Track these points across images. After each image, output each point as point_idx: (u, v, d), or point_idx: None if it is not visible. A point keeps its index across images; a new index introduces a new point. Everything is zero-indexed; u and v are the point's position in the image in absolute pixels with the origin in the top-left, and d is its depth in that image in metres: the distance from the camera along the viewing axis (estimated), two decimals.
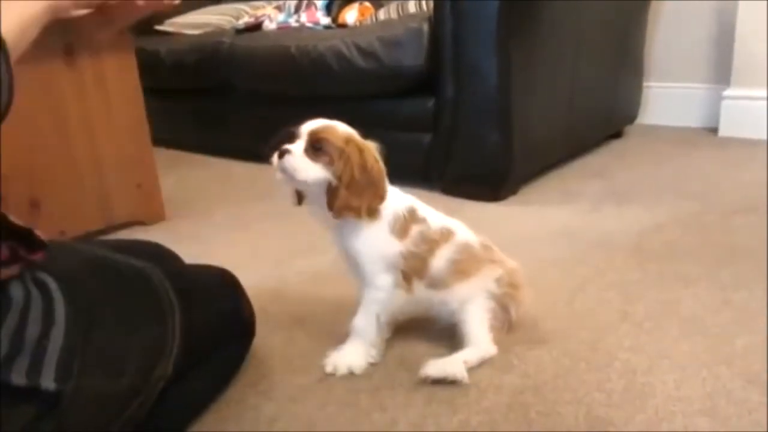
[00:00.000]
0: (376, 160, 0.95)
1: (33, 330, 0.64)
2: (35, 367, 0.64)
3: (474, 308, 0.99)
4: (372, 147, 0.96)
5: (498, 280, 1.00)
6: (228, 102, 2.42)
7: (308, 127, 0.94)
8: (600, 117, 2.30)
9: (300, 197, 1.00)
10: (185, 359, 0.80)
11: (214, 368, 0.91)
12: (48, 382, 0.64)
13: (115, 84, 1.67)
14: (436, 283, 0.99)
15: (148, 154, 1.77)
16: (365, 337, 0.99)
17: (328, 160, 0.92)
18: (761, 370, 0.92)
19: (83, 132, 1.63)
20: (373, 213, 0.94)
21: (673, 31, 2.59)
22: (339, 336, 1.06)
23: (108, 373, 0.71)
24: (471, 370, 0.95)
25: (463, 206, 1.74)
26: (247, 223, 1.72)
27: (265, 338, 1.07)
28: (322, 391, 0.94)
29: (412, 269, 0.97)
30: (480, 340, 0.98)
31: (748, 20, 2.29)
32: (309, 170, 0.92)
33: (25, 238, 0.70)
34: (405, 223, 0.97)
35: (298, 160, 0.92)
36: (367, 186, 0.93)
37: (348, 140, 0.93)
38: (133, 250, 0.92)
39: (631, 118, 2.52)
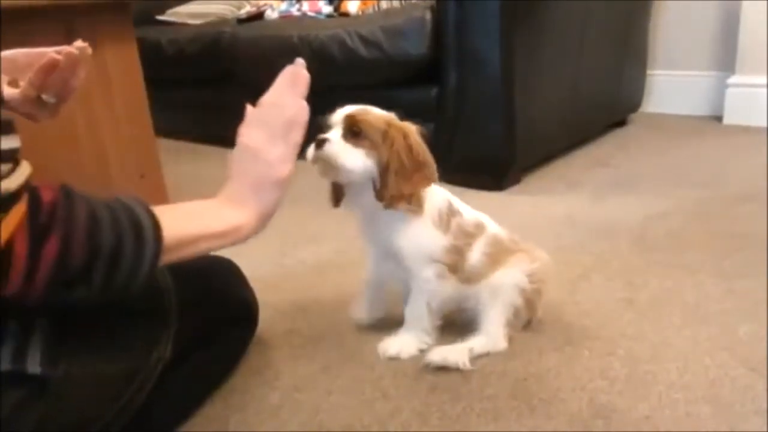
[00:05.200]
0: (419, 140, 0.91)
1: (19, 316, 0.65)
2: (21, 352, 0.64)
3: (498, 301, 0.98)
4: (413, 128, 0.92)
5: (530, 275, 0.98)
6: (230, 92, 2.41)
7: (343, 112, 0.90)
8: (604, 105, 2.28)
9: (338, 196, 0.96)
10: (185, 343, 0.80)
11: (216, 354, 0.91)
12: (34, 366, 0.65)
13: (117, 74, 1.66)
14: (469, 277, 0.98)
15: (151, 145, 1.77)
16: (418, 326, 0.98)
17: (370, 145, 0.87)
18: (764, 357, 0.92)
19: (85, 123, 1.63)
20: (418, 202, 0.92)
21: (677, 19, 2.57)
22: (343, 325, 1.07)
23: (102, 356, 0.71)
24: (474, 357, 0.95)
25: (466, 195, 1.71)
26: None
27: (269, 327, 1.08)
28: (326, 379, 0.94)
29: (452, 262, 0.95)
30: (492, 333, 0.98)
31: (752, 7, 2.27)
32: (351, 157, 0.87)
33: None
34: (447, 217, 0.95)
35: (338, 147, 0.87)
36: (415, 170, 0.89)
37: (389, 123, 0.89)
38: None
39: (635, 106, 2.51)
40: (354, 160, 0.88)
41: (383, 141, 0.87)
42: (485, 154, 1.80)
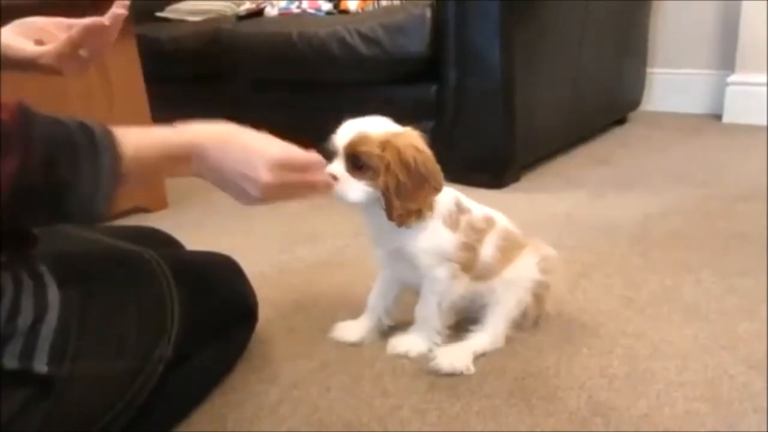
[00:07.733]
0: (420, 151, 0.88)
1: (26, 317, 0.65)
2: (28, 351, 0.64)
3: (508, 297, 0.98)
4: (412, 136, 0.90)
5: (540, 263, 0.99)
6: (229, 89, 2.41)
7: (342, 140, 0.89)
8: (604, 103, 2.28)
9: None
10: (186, 342, 0.80)
11: (217, 352, 0.91)
12: (40, 365, 0.65)
13: (116, 71, 1.66)
14: (482, 273, 0.97)
15: None
16: (428, 325, 0.98)
17: (372, 174, 0.87)
18: (763, 356, 0.92)
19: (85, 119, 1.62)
20: (430, 207, 0.91)
21: (677, 17, 2.56)
22: (342, 322, 1.06)
23: (105, 355, 0.71)
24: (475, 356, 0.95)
25: (465, 193, 1.72)
26: (250, 210, 1.71)
27: (267, 325, 1.07)
28: (324, 377, 0.94)
29: (465, 260, 0.95)
30: (497, 330, 0.98)
31: (752, 6, 2.26)
32: (356, 192, 0.88)
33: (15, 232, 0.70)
34: (456, 215, 0.95)
35: (344, 185, 0.88)
36: (417, 184, 0.87)
37: (384, 144, 0.87)
38: (130, 236, 0.92)
39: (634, 104, 2.51)
40: (357, 193, 0.89)
41: (380, 165, 0.87)
42: (485, 151, 1.79)
